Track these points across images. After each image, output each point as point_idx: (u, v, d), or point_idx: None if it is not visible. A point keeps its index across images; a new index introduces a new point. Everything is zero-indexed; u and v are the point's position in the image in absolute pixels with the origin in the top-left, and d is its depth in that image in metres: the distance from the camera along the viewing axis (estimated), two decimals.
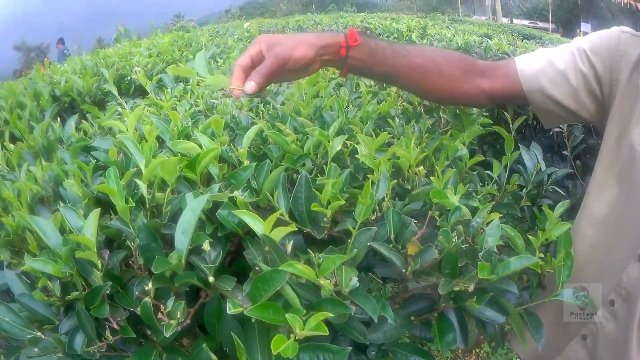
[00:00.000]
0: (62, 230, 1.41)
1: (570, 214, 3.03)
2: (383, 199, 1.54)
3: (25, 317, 1.37)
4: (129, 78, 3.97)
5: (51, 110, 3.44)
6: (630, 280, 1.80)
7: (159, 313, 1.30)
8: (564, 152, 3.02)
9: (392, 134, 2.12)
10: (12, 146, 2.42)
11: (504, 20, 59.84)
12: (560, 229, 1.59)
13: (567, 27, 73.67)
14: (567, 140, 3.26)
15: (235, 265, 1.49)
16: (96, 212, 1.34)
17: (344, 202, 1.48)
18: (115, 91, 3.05)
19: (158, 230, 1.44)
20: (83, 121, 2.59)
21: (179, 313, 1.29)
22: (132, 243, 1.39)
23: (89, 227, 1.31)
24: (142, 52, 4.69)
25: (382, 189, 1.54)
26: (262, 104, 2.37)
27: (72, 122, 2.63)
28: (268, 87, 2.11)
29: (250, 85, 1.66)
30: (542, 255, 1.57)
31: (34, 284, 1.42)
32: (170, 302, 1.30)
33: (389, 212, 1.48)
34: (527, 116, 2.12)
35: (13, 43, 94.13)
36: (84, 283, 1.36)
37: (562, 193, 2.69)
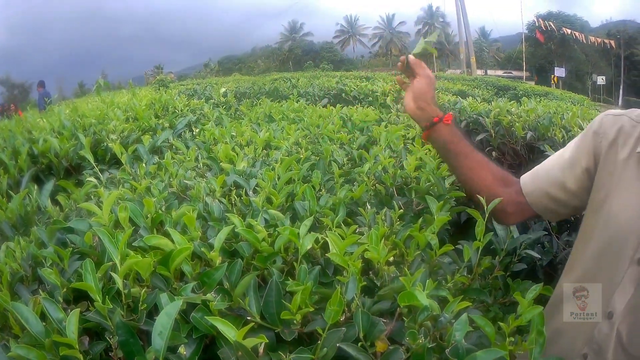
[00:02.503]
0: (44, 315, 1.45)
1: (547, 271, 3.08)
2: (353, 299, 1.57)
3: None
4: (105, 145, 3.98)
5: (29, 173, 3.49)
6: (601, 336, 1.93)
7: None
8: None
9: (363, 223, 2.16)
10: None
11: (479, 72, 60.26)
12: (531, 313, 1.60)
13: (541, 73, 74.33)
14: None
15: (211, 353, 1.50)
16: (76, 312, 1.38)
17: (313, 309, 1.52)
18: (91, 158, 3.10)
19: (135, 327, 1.48)
20: (61, 191, 2.64)
21: None
22: (111, 337, 1.43)
23: (70, 325, 1.36)
24: (119, 116, 4.70)
25: (351, 291, 1.58)
26: (234, 191, 2.40)
27: (49, 188, 2.68)
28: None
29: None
30: (512, 339, 1.57)
31: None
32: None
33: (357, 313, 1.50)
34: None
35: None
36: None
37: (537, 255, 2.76)
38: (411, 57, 2.49)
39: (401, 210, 2.28)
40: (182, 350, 1.40)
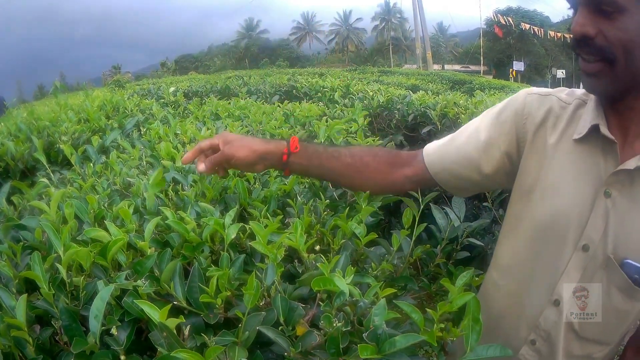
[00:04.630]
0: None
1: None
2: (272, 284, 1.65)
3: None
4: (57, 146, 4.01)
5: None
6: (549, 323, 1.96)
7: None
8: (485, 203, 3.16)
9: (292, 214, 2.23)
10: None
11: (435, 67, 60.33)
12: (463, 299, 1.62)
13: (500, 67, 74.45)
14: (488, 192, 3.39)
15: (150, 340, 1.53)
16: (24, 297, 1.49)
17: (232, 292, 1.61)
18: (44, 160, 3.16)
19: (77, 312, 1.58)
20: (18, 192, 2.70)
21: None
22: (57, 323, 1.53)
23: (19, 310, 1.47)
24: (71, 118, 4.74)
25: (270, 276, 1.66)
26: (171, 186, 2.47)
27: (5, 190, 2.72)
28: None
29: (200, 167, 2.14)
30: (442, 325, 1.61)
31: None
32: None
33: (276, 297, 1.58)
34: (437, 192, 2.25)
35: None
36: (20, 354, 1.50)
37: (479, 243, 2.79)
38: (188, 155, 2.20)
39: (327, 200, 2.35)
40: (114, 331, 1.49)
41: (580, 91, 2.00)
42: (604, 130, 1.81)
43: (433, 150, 2.23)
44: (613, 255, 1.82)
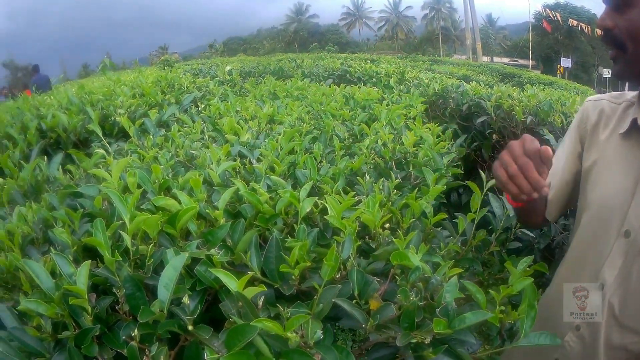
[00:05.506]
0: (53, 273, 1.53)
1: (545, 254, 3.13)
2: (348, 258, 1.65)
3: (17, 348, 1.47)
4: (112, 119, 4.07)
5: (38, 146, 3.58)
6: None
7: (144, 357, 1.40)
8: None
9: (361, 192, 2.23)
10: (0, 180, 2.54)
11: (485, 59, 59.80)
12: (522, 283, 1.66)
13: (547, 63, 73.45)
14: None
15: (213, 311, 1.59)
16: (87, 264, 1.45)
17: (310, 263, 1.60)
18: (99, 132, 3.19)
19: (142, 281, 1.55)
20: (69, 163, 2.71)
21: (162, 357, 1.40)
22: (119, 291, 1.50)
23: (80, 277, 1.43)
24: (126, 93, 4.78)
25: (346, 250, 1.66)
26: (238, 160, 2.47)
27: (58, 160, 2.73)
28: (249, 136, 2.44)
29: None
30: (502, 308, 1.64)
31: (23, 317, 1.54)
32: (154, 348, 1.41)
33: (352, 271, 1.59)
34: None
35: (1, 61, 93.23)
36: (74, 324, 1.47)
37: (531, 235, 2.82)
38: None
39: (398, 180, 2.35)
40: (185, 300, 1.46)
41: (630, 94, 2.15)
42: None
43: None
44: None
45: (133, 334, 1.42)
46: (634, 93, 2.10)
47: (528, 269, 2.01)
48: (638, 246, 1.91)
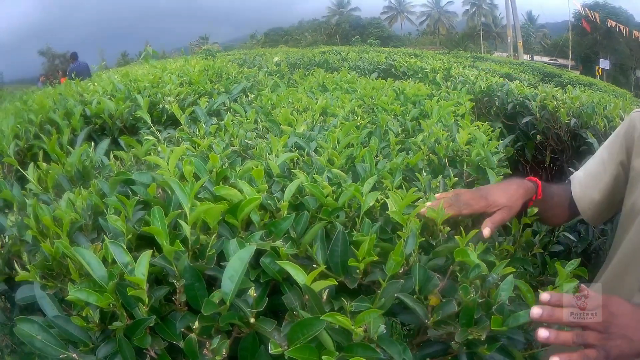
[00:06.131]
0: (104, 261, 1.53)
1: (583, 257, 3.14)
2: (410, 254, 1.67)
3: (58, 335, 1.49)
4: (160, 106, 4.11)
5: (84, 132, 3.60)
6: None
7: (204, 349, 1.42)
8: None
9: (419, 187, 2.26)
10: (44, 165, 2.54)
11: (525, 57, 59.36)
12: (569, 285, 1.68)
13: (586, 63, 72.79)
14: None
15: (270, 303, 1.56)
16: (148, 253, 1.47)
17: (376, 258, 1.61)
18: (148, 119, 3.23)
19: (202, 271, 1.56)
20: (115, 149, 2.70)
21: (224, 351, 1.42)
22: (176, 281, 1.50)
23: (140, 267, 1.43)
24: (174, 81, 4.82)
25: (410, 245, 1.68)
26: (296, 150, 2.50)
27: (104, 146, 2.76)
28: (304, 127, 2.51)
29: (486, 232, 1.94)
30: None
31: (64, 305, 1.58)
32: (215, 340, 1.42)
33: (415, 266, 1.61)
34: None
35: (38, 49, 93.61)
36: (126, 314, 1.47)
37: (573, 239, 2.83)
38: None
39: (456, 178, 2.38)
40: (252, 292, 1.48)
41: None
42: None
43: (577, 181, 2.41)
44: None
45: (194, 327, 1.43)
46: None
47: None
48: None
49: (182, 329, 1.48)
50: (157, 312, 1.51)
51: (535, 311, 1.54)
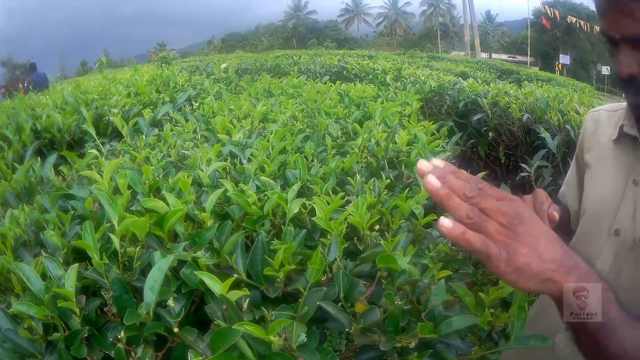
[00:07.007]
0: (44, 276, 1.53)
1: None
2: (334, 261, 1.64)
3: (10, 349, 1.49)
4: (107, 119, 4.06)
5: (32, 147, 3.58)
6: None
7: (130, 359, 1.42)
8: None
9: (352, 192, 2.23)
10: None
11: (483, 55, 59.94)
12: None
13: (546, 60, 73.64)
14: (535, 183, 3.39)
15: (201, 313, 1.57)
16: (75, 267, 1.47)
17: (295, 266, 1.60)
18: (93, 132, 3.18)
19: (129, 283, 1.56)
20: (63, 164, 2.71)
21: (147, 359, 1.42)
22: (107, 293, 1.51)
23: (68, 280, 1.45)
24: (120, 92, 4.78)
25: (333, 252, 1.66)
26: (229, 160, 2.47)
27: (51, 161, 2.74)
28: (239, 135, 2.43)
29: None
30: (492, 311, 1.61)
31: (17, 320, 1.55)
32: (140, 350, 1.43)
33: (338, 274, 1.57)
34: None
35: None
36: (64, 325, 1.48)
37: None
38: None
39: (388, 180, 2.34)
40: (170, 302, 1.46)
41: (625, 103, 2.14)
42: (626, 128, 2.02)
43: (561, 196, 2.46)
44: (639, 237, 1.92)
45: (120, 336, 1.43)
46: None
47: None
48: (628, 244, 1.94)
49: (113, 340, 1.47)
50: (93, 323, 1.54)
51: (432, 180, 1.19)
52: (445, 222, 1.18)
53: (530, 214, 1.29)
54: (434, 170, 1.21)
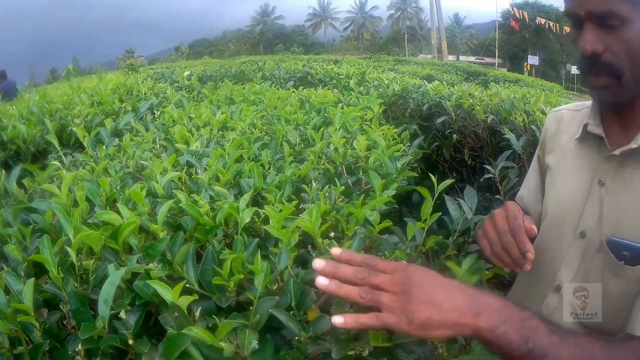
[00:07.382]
0: (7, 290, 1.55)
1: None
2: (285, 269, 1.66)
3: None
4: (70, 129, 4.05)
5: None
6: (550, 309, 2.02)
7: None
8: (497, 196, 3.17)
9: (307, 200, 2.23)
10: None
11: (450, 58, 60.20)
12: (470, 281, 1.70)
13: (515, 61, 73.99)
14: (500, 184, 3.40)
15: (159, 324, 1.55)
16: (31, 282, 1.49)
17: (246, 274, 1.61)
18: (56, 143, 3.18)
19: (85, 296, 1.57)
20: (29, 176, 2.71)
21: None
22: (65, 307, 1.53)
23: (26, 294, 1.47)
24: (84, 101, 4.77)
25: (283, 260, 1.66)
26: (185, 169, 2.46)
27: (16, 173, 2.72)
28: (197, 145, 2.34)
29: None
30: None
31: None
32: None
33: (289, 282, 1.59)
34: (452, 180, 2.25)
35: None
36: (27, 339, 1.51)
37: None
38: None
39: (343, 187, 2.34)
40: (122, 315, 1.48)
41: (590, 101, 2.12)
42: (591, 127, 1.99)
43: (520, 200, 2.40)
44: (606, 238, 1.88)
45: (77, 349, 1.44)
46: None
47: (487, 272, 2.02)
48: (594, 246, 1.91)
49: (72, 352, 1.49)
50: (55, 336, 1.56)
51: (321, 280, 1.36)
52: (340, 320, 1.34)
53: (425, 275, 1.39)
54: (326, 266, 1.40)
